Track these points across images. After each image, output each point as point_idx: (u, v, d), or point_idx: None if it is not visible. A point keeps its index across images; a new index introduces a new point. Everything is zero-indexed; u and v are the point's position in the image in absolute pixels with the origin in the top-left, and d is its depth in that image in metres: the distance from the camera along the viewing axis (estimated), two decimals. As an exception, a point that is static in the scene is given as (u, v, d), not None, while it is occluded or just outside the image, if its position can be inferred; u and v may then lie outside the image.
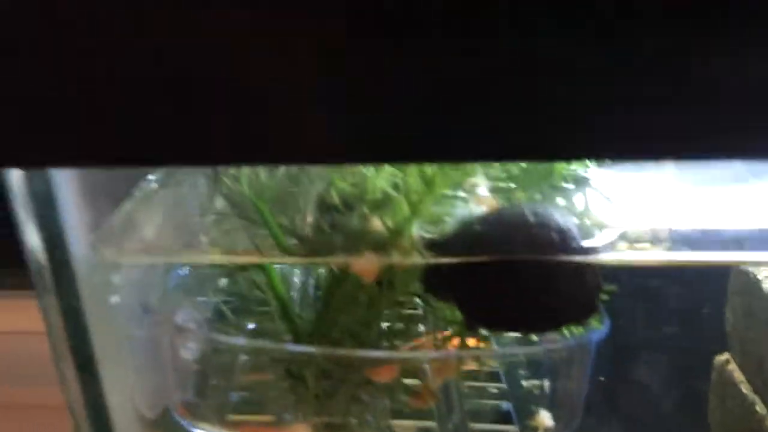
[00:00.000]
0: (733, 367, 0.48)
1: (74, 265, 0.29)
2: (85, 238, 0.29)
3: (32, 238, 0.28)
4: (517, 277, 0.30)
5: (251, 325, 0.36)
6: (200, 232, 0.33)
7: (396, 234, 0.32)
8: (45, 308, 0.29)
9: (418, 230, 0.32)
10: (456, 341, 0.33)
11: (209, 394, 0.37)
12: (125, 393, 0.34)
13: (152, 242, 0.31)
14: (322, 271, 0.35)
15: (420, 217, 0.31)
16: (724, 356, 0.50)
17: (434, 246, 0.32)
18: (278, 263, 0.32)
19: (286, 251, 0.32)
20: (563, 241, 0.31)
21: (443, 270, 0.31)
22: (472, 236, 0.31)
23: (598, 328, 0.33)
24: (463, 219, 0.32)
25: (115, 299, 0.32)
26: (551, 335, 0.33)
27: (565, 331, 0.33)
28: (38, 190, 0.28)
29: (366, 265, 0.30)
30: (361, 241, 0.32)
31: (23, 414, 0.83)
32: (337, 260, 0.31)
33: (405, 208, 0.32)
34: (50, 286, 0.29)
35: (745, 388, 0.46)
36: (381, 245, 0.32)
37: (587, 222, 0.33)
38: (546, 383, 0.37)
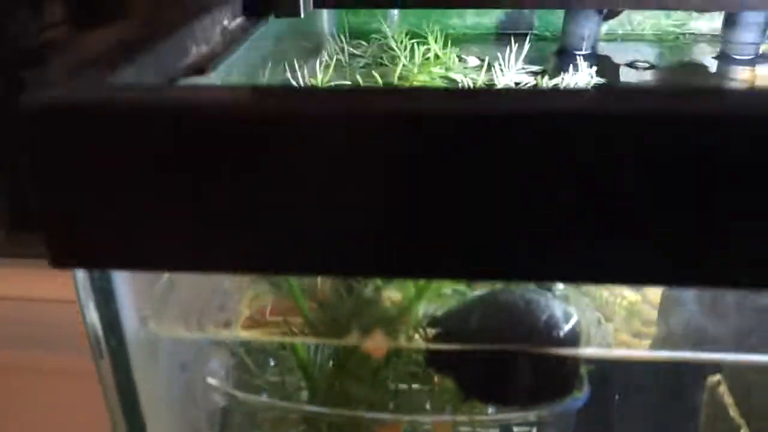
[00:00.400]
0: (723, 389, 0.52)
1: (125, 334, 0.34)
2: (136, 311, 0.34)
3: (91, 315, 0.33)
4: (506, 359, 0.35)
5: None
6: (232, 298, 0.38)
7: (403, 311, 0.36)
8: (99, 370, 0.35)
9: (423, 308, 0.36)
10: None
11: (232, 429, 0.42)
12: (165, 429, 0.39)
13: (189, 311, 0.36)
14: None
15: (425, 299, 0.36)
16: (716, 377, 0.53)
17: (436, 323, 0.36)
18: (300, 342, 0.37)
19: (309, 322, 0.37)
20: (549, 328, 0.35)
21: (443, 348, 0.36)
22: (468, 321, 0.35)
23: (578, 396, 0.38)
24: (463, 299, 0.36)
25: (158, 355, 0.37)
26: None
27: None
28: (97, 275, 0.32)
29: (375, 345, 0.34)
30: (372, 313, 0.36)
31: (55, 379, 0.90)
32: (349, 341, 0.35)
33: (411, 290, 0.36)
34: (105, 353, 0.34)
35: (734, 412, 0.50)
36: (389, 320, 0.36)
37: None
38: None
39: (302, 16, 0.51)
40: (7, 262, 0.99)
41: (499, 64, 0.56)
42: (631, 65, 0.67)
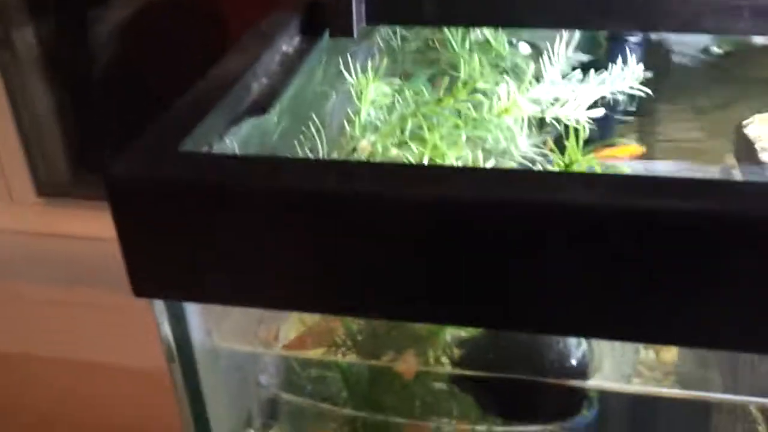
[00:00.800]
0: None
1: (193, 344, 0.40)
2: (201, 326, 0.40)
3: (164, 329, 0.39)
4: (522, 382, 0.39)
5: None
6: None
7: (433, 332, 0.41)
8: (171, 371, 0.41)
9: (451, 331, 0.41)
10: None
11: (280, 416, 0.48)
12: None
13: (245, 323, 0.42)
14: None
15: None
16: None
17: (462, 345, 0.41)
18: (342, 361, 0.42)
19: (350, 332, 0.42)
20: (562, 356, 0.39)
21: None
22: (491, 345, 0.40)
23: (586, 415, 0.42)
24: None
25: (219, 358, 0.43)
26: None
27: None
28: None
29: (407, 366, 0.39)
30: (405, 330, 0.41)
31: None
32: (383, 362, 0.40)
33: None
34: (176, 358, 0.40)
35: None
36: (420, 339, 0.41)
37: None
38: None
39: (355, 36, 0.53)
40: (71, 203, 1.08)
41: (548, 54, 0.55)
42: (705, 51, 0.63)
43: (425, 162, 0.40)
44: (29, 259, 1.08)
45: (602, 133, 0.54)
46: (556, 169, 0.40)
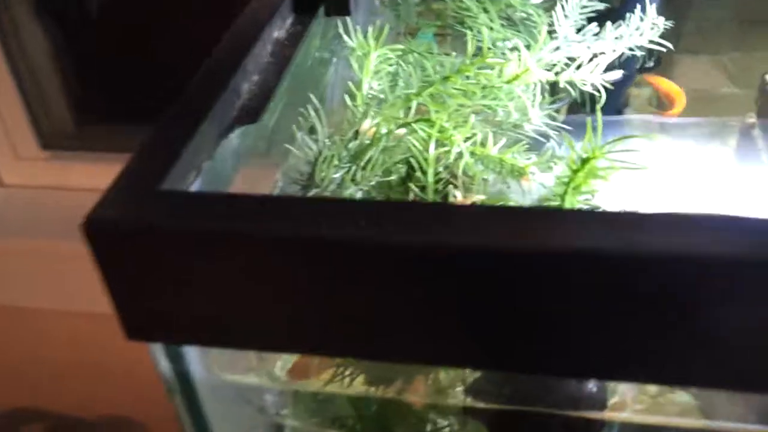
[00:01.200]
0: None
1: (193, 378, 0.38)
2: (200, 360, 0.38)
3: (162, 364, 0.37)
4: (534, 415, 0.37)
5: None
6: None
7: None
8: (174, 403, 0.39)
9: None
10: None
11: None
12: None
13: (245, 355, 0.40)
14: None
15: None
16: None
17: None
18: (346, 394, 0.41)
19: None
20: (579, 386, 0.37)
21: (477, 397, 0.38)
22: (505, 375, 0.38)
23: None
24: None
25: (221, 389, 0.41)
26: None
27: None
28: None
29: (416, 397, 0.38)
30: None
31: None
32: (392, 391, 0.39)
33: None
34: (176, 390, 0.38)
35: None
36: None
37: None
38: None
39: (350, 14, 0.50)
40: (77, 156, 1.04)
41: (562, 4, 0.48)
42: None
43: (432, 146, 0.36)
44: (38, 214, 1.03)
45: (618, 88, 0.50)
46: (571, 154, 0.36)
